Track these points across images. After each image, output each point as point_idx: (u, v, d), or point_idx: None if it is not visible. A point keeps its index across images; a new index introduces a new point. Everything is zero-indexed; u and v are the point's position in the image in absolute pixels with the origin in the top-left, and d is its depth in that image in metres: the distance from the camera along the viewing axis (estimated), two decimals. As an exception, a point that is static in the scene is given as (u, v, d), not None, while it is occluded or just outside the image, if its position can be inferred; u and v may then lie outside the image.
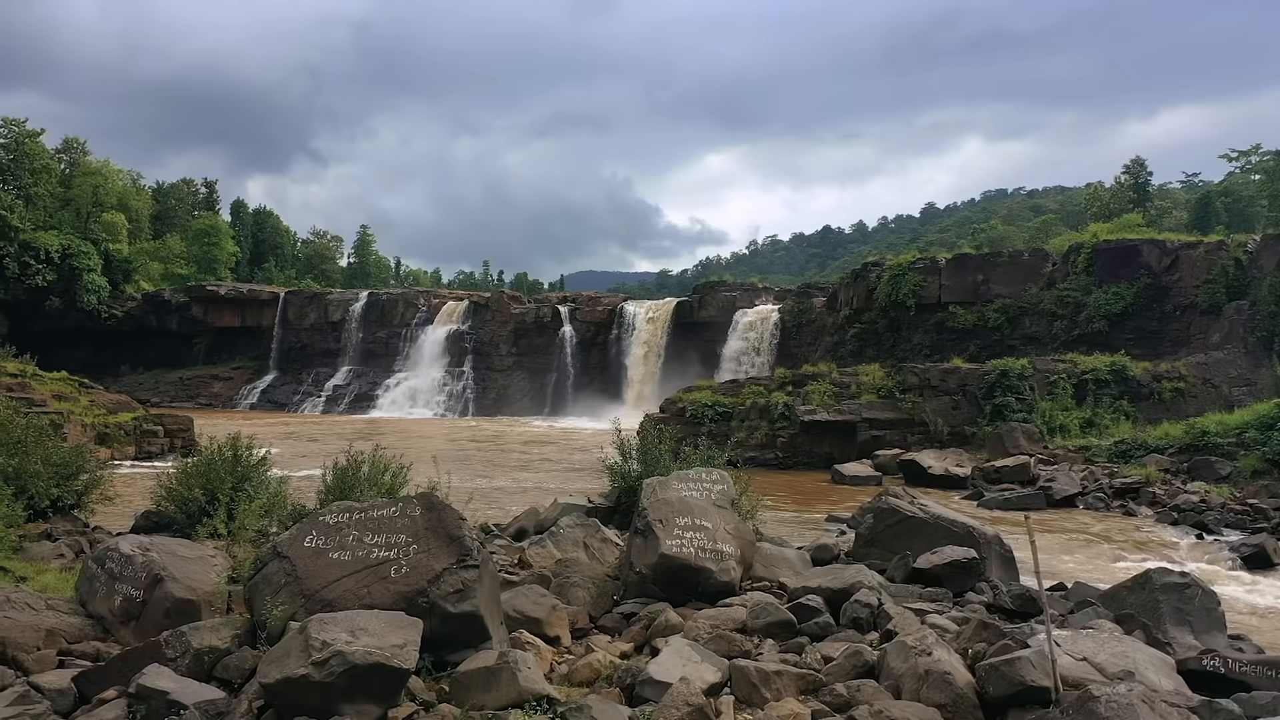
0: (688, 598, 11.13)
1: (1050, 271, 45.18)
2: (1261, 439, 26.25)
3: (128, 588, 9.05)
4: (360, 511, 8.27)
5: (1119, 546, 20.99)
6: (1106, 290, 41.71)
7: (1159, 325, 40.72)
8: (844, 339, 51.52)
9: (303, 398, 67.34)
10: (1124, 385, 34.39)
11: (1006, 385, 33.87)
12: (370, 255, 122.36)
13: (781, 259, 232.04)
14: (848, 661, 8.27)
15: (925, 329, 47.40)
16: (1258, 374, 35.62)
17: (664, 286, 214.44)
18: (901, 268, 48.55)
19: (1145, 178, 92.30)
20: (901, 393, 34.44)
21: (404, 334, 68.35)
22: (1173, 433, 29.22)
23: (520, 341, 65.23)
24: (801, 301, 57.49)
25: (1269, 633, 13.67)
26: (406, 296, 71.57)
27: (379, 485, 15.13)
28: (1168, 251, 41.45)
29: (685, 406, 36.24)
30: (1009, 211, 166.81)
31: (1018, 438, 31.13)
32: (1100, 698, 5.56)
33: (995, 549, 13.89)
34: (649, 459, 16.07)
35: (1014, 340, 44.06)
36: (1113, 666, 7.88)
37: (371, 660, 6.51)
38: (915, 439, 33.76)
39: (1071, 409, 33.71)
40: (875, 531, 14.70)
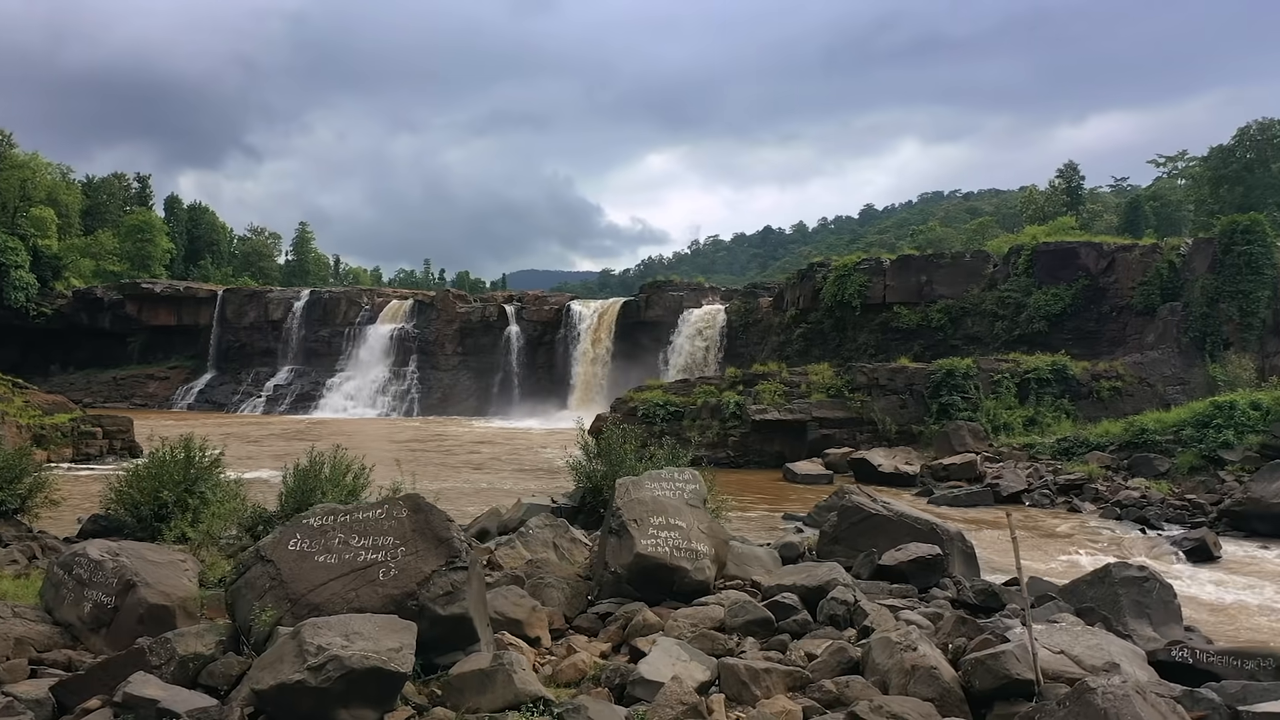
0: (662, 597, 11.16)
1: (991, 273, 46.12)
2: (1198, 436, 27.10)
3: (98, 594, 8.82)
4: (345, 514, 8.16)
5: (1066, 542, 21.52)
6: (1046, 291, 42.71)
7: (1096, 326, 41.82)
8: (790, 338, 52.01)
9: (242, 398, 66.05)
10: (1064, 384, 35.26)
11: (952, 384, 34.51)
12: (309, 253, 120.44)
13: (723, 259, 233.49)
14: (832, 658, 8.37)
15: (870, 329, 48.06)
16: (1191, 373, 36.78)
17: (606, 286, 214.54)
18: (847, 268, 49.16)
19: (1078, 182, 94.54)
20: (850, 392, 34.90)
21: (347, 333, 67.40)
22: (1113, 430, 30.03)
23: (466, 341, 64.73)
24: (748, 301, 57.93)
25: (1215, 624, 14.14)
26: (349, 295, 70.59)
27: (341, 487, 14.95)
28: (1104, 254, 42.57)
29: (637, 406, 36.26)
30: (946, 213, 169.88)
31: (964, 436, 31.75)
32: (1096, 690, 5.71)
33: (958, 545, 14.17)
34: (613, 459, 16.10)
35: (956, 340, 44.88)
36: (1089, 659, 8.09)
37: (369, 664, 6.43)
38: (864, 437, 34.23)
39: (1015, 408, 34.48)
40: (840, 529, 14.89)
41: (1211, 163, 72.94)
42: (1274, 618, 14.77)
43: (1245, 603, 15.78)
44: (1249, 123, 68.41)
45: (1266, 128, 67.15)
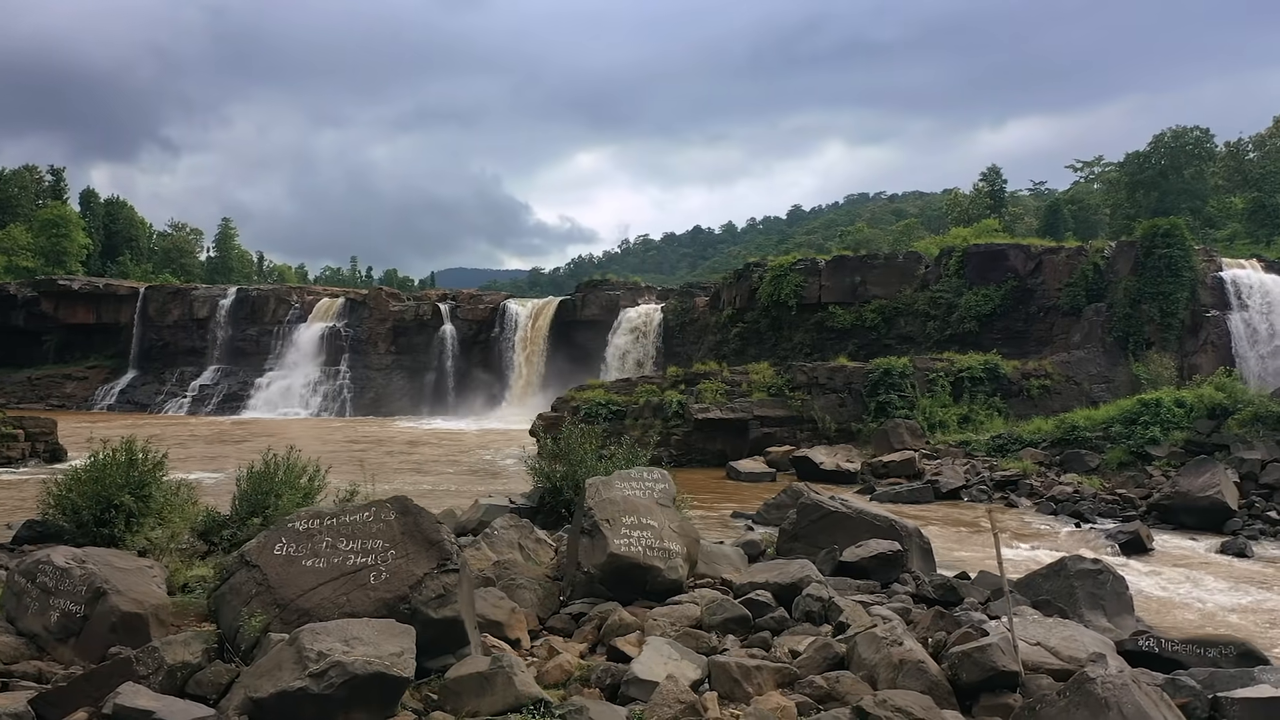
0: (635, 596, 11.19)
1: (924, 274, 47.06)
2: (1126, 433, 28.06)
3: (66, 603, 8.52)
4: (331, 517, 8.02)
5: (1006, 536, 22.09)
6: (976, 292, 43.74)
7: (1024, 326, 42.98)
8: (727, 338, 52.39)
9: (166, 398, 64.20)
10: (996, 383, 36.18)
11: (889, 383, 35.15)
12: (233, 250, 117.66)
13: (654, 258, 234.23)
14: (818, 654, 8.50)
15: (806, 328, 48.66)
16: (1115, 372, 38.04)
17: (536, 284, 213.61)
18: (783, 268, 49.71)
19: (1001, 185, 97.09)
20: (791, 391, 35.32)
21: (276, 331, 65.94)
22: (1044, 428, 30.91)
23: (399, 340, 63.86)
24: (684, 301, 58.23)
25: (1154, 614, 14.65)
26: (278, 293, 69.08)
27: (297, 490, 14.67)
28: (1032, 256, 43.77)
29: (579, 405, 36.22)
30: (872, 214, 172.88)
31: (902, 434, 32.36)
32: (1096, 680, 5.91)
33: (916, 541, 14.46)
34: (573, 459, 16.07)
35: (890, 340, 45.71)
36: (1066, 650, 8.35)
37: (371, 670, 6.35)
38: (804, 435, 34.69)
39: (949, 406, 35.26)
40: (799, 526, 15.08)
41: (1128, 168, 75.53)
42: (1210, 606, 15.38)
43: (1182, 593, 16.39)
44: (1164, 130, 71.03)
45: (1180, 135, 69.74)
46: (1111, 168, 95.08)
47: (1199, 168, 69.87)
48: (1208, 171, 71.11)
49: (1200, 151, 70.62)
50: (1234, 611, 15.01)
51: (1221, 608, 15.21)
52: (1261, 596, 16.14)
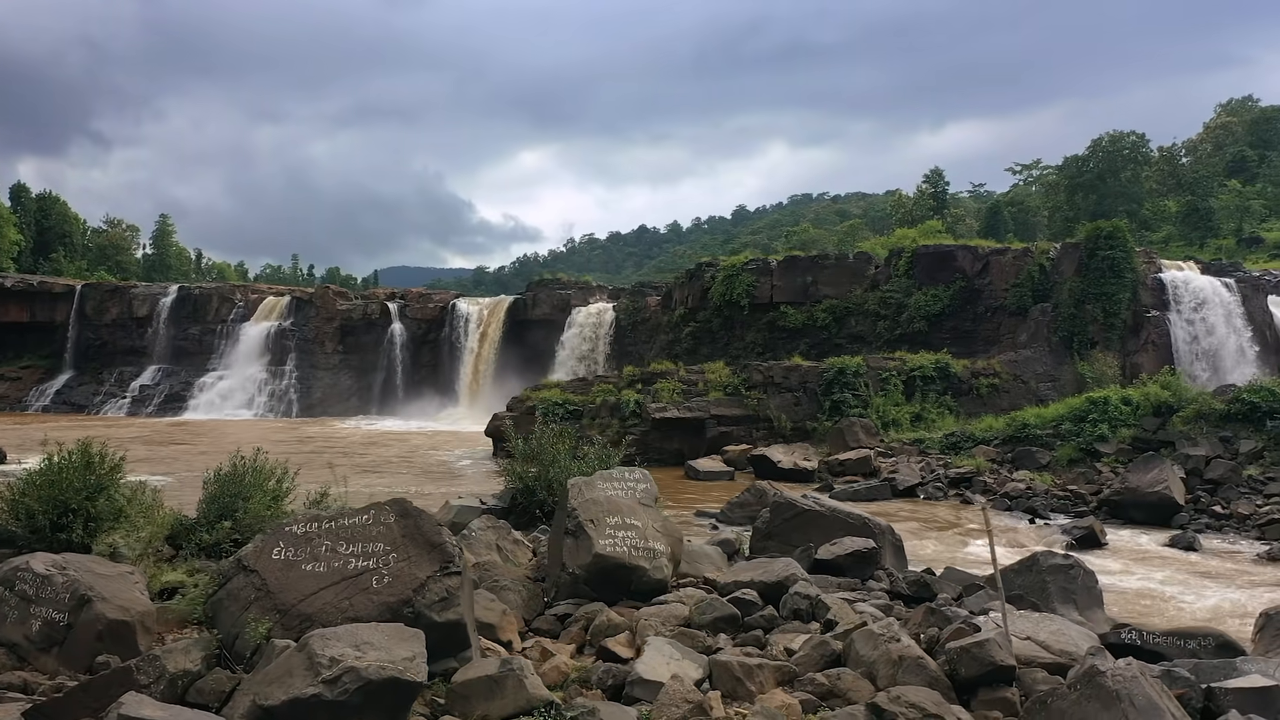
0: (620, 597, 11.17)
1: (874, 274, 47.68)
2: (1075, 430, 28.74)
3: (48, 611, 8.26)
4: (329, 520, 7.89)
5: (964, 533, 22.51)
6: (926, 292, 44.43)
7: (973, 325, 43.76)
8: (679, 337, 52.53)
9: (105, 399, 62.55)
10: (947, 382, 36.81)
11: (843, 382, 35.57)
12: (170, 247, 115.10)
13: (599, 257, 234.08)
14: (815, 652, 8.57)
15: (758, 328, 49.01)
16: (1061, 371, 38.92)
17: (481, 283, 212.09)
18: (735, 268, 50.02)
19: (943, 187, 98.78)
20: (747, 390, 35.56)
21: (219, 330, 64.60)
22: (996, 425, 31.53)
23: (347, 339, 62.98)
24: (636, 300, 58.28)
25: (1116, 607, 15.04)
26: (221, 291, 67.67)
27: (266, 492, 14.41)
28: (979, 257, 44.59)
29: (535, 405, 36.08)
30: (816, 215, 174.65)
31: (857, 432, 32.76)
32: (1107, 673, 6.05)
33: (888, 539, 14.65)
34: (545, 459, 16.00)
35: (841, 339, 46.21)
36: (1055, 643, 8.54)
37: (386, 675, 6.26)
38: (760, 434, 34.95)
39: (902, 404, 35.80)
40: (772, 525, 15.20)
41: (1067, 171, 77.32)
42: (1169, 599, 15.83)
43: (1141, 587, 16.84)
44: (1102, 135, 72.83)
45: (1117, 139, 71.56)
46: (1050, 171, 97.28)
47: (1135, 171, 71.79)
48: (1143, 175, 73.05)
49: (1136, 156, 72.57)
50: (1192, 603, 15.46)
51: (1180, 600, 15.66)
52: (1217, 589, 16.65)
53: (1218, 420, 27.02)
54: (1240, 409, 26.65)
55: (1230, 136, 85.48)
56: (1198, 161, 75.01)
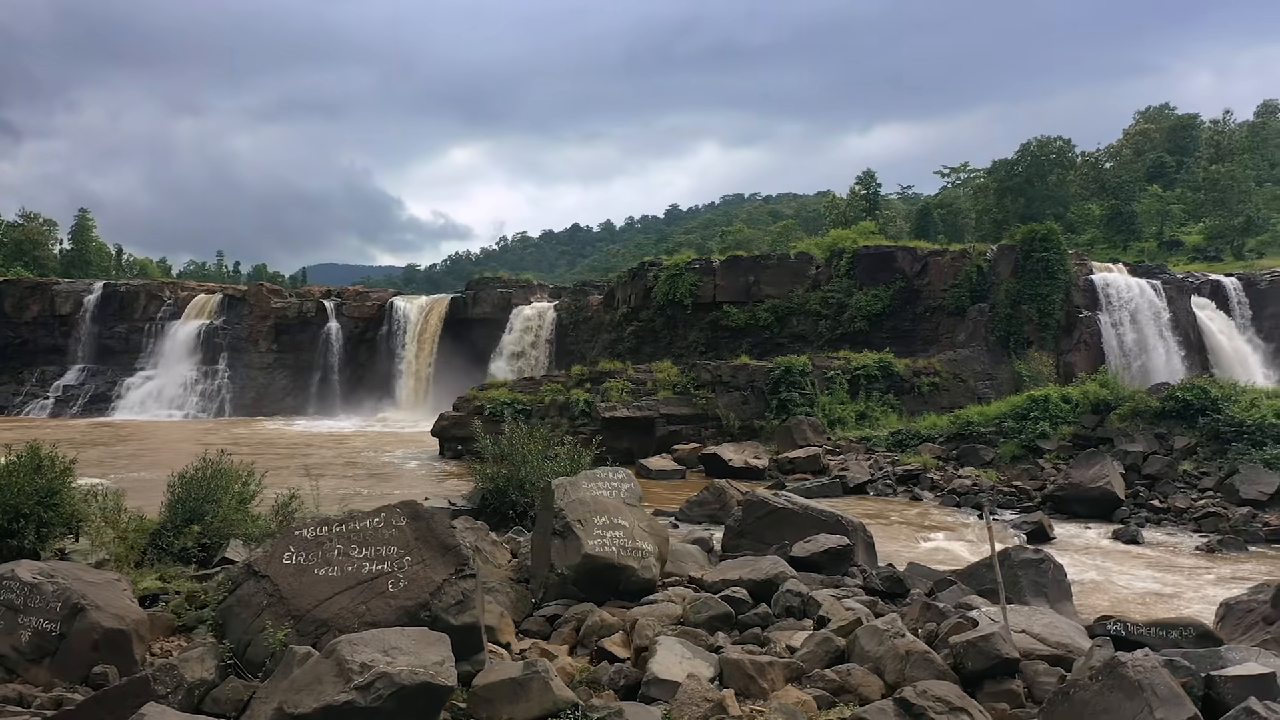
0: (608, 597, 11.17)
1: (815, 274, 48.29)
2: (1017, 427, 29.51)
3: (39, 620, 7.99)
4: (340, 524, 7.76)
5: (918, 529, 22.96)
6: (866, 292, 45.15)
7: (912, 325, 44.61)
8: (622, 336, 52.57)
9: (25, 400, 60.28)
10: (890, 380, 37.48)
11: (790, 381, 35.97)
12: (90, 242, 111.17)
13: (532, 256, 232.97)
14: (819, 648, 8.68)
15: (701, 327, 49.30)
16: (998, 369, 39.89)
17: (412, 281, 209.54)
18: (678, 267, 50.25)
19: (875, 189, 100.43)
20: (695, 389, 35.77)
21: (148, 329, 62.70)
22: (940, 423, 32.21)
23: (281, 338, 61.64)
24: (578, 299, 58.15)
25: (1077, 599, 15.49)
26: (149, 288, 65.70)
27: (232, 495, 14.09)
28: (918, 258, 45.46)
29: (482, 405, 35.82)
30: (749, 215, 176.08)
31: (805, 430, 33.17)
32: (1128, 664, 6.26)
33: (861, 536, 14.86)
34: (516, 459, 15.92)
35: (783, 338, 46.74)
36: (1050, 636, 8.79)
37: (418, 680, 6.19)
38: (709, 433, 35.18)
39: (847, 402, 36.34)
40: (745, 523, 15.31)
41: (996, 175, 79.21)
42: (1125, 590, 16.36)
43: (1096, 579, 17.37)
44: (1030, 139, 74.73)
45: (1045, 144, 73.53)
46: (978, 174, 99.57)
47: (1061, 175, 73.87)
48: (1068, 179, 75.20)
49: (1062, 160, 74.67)
50: (1147, 594, 16.02)
51: (1136, 591, 16.21)
52: (1167, 579, 17.27)
53: (1152, 417, 27.97)
54: (1174, 406, 27.62)
55: (1149, 143, 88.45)
56: (1120, 166, 77.45)
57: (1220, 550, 20.34)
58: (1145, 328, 41.80)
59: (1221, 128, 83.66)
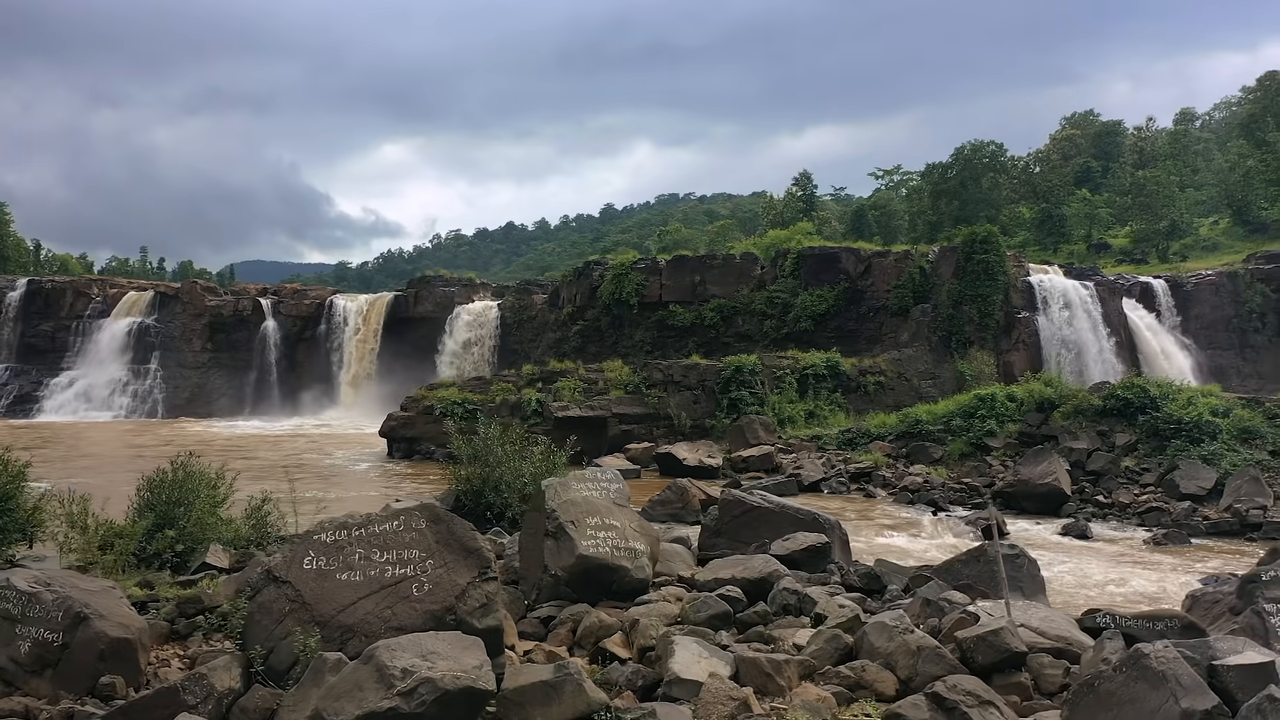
0: (601, 597, 11.17)
1: (760, 274, 48.77)
2: (965, 426, 30.16)
3: (39, 631, 7.72)
4: (358, 527, 7.64)
5: (877, 527, 23.31)
6: (811, 293, 45.75)
7: (856, 325, 45.30)
8: (567, 335, 52.51)
9: (-56, 400, 58.04)
10: (838, 379, 38.03)
11: (740, 380, 36.27)
12: (8, 237, 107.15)
13: (466, 254, 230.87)
14: (828, 645, 8.79)
15: (647, 326, 49.49)
16: (941, 369, 40.75)
17: (344, 279, 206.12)
18: (624, 267, 50.39)
19: (812, 190, 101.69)
20: (648, 388, 35.86)
21: (75, 327, 60.74)
22: (889, 422, 32.75)
23: (216, 336, 60.23)
24: (522, 298, 57.90)
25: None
26: (77, 285, 63.62)
27: (206, 498, 13.77)
28: (862, 259, 46.21)
29: (432, 405, 35.47)
30: (684, 215, 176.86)
31: (757, 429, 33.48)
32: (1151, 655, 6.47)
33: (837, 533, 15.06)
34: (491, 460, 15.81)
35: (728, 338, 47.13)
36: (1050, 629, 9.03)
37: (461, 685, 6.14)
38: (660, 432, 35.30)
39: (796, 401, 36.79)
40: (722, 522, 15.40)
41: (930, 178, 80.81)
42: (1088, 583, 16.84)
43: (1052, 574, 17.79)
44: (964, 143, 76.40)
45: (978, 148, 75.24)
46: (911, 176, 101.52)
47: (994, 179, 75.64)
48: (1001, 182, 77.07)
49: (995, 164, 76.47)
50: (1107, 587, 16.52)
51: (1096, 585, 16.70)
52: (1122, 572, 17.82)
53: (1094, 415, 28.82)
54: (1115, 404, 28.49)
55: (1075, 148, 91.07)
56: (1049, 171, 79.61)
57: (1166, 544, 21.03)
58: (1080, 328, 43.07)
59: (1144, 134, 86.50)
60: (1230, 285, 48.95)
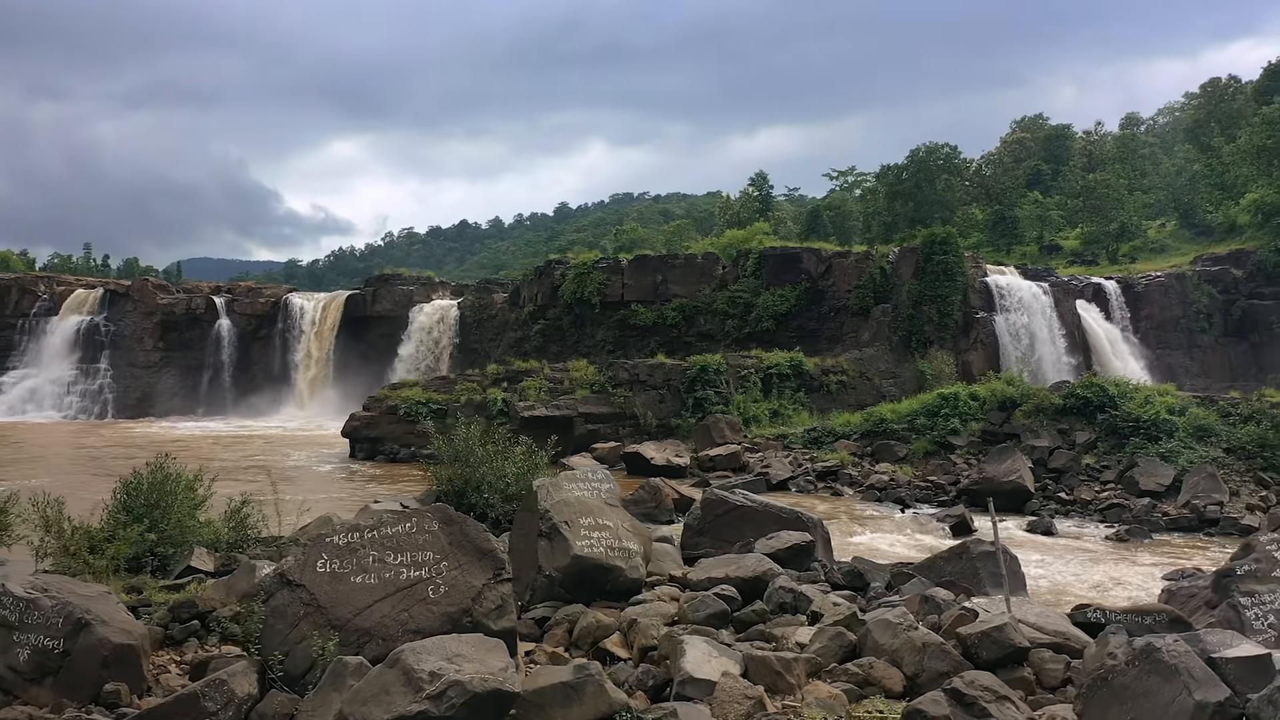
0: (594, 597, 11.18)
1: (722, 274, 48.96)
2: (929, 424, 30.55)
3: (38, 638, 7.55)
4: (370, 530, 7.56)
5: (848, 524, 23.51)
6: (773, 292, 46.01)
7: (818, 325, 45.65)
8: (528, 335, 52.30)
9: (-118, 401, 56.21)
10: (801, 379, 38.31)
11: (705, 380, 36.38)
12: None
13: (419, 252, 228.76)
14: (833, 643, 8.88)
15: (608, 326, 49.45)
16: (902, 368, 41.22)
17: (294, 277, 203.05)
18: (586, 266, 50.30)
19: (768, 190, 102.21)
20: (613, 388, 35.84)
21: (21, 325, 59.15)
22: (853, 421, 33.07)
23: (168, 335, 59.00)
24: (482, 297, 57.51)
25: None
26: (22, 282, 61.94)
27: (185, 501, 13.53)
28: (823, 259, 46.58)
29: (397, 404, 35.13)
30: (639, 214, 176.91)
31: (723, 429, 33.62)
32: (1163, 649, 6.64)
33: (820, 531, 15.18)
34: (472, 460, 15.69)
35: (690, 337, 47.26)
36: (1047, 625, 9.22)
37: (489, 687, 6.11)
38: (626, 431, 35.31)
39: (761, 401, 36.99)
40: (704, 521, 15.44)
41: (885, 179, 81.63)
42: (1059, 578, 17.16)
43: (1029, 570, 18.14)
44: (919, 145, 77.27)
45: (933, 150, 76.19)
46: (865, 177, 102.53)
47: (948, 180, 76.64)
48: (955, 184, 78.12)
49: (949, 166, 77.49)
50: (1080, 581, 16.86)
51: (1070, 579, 17.04)
52: (1091, 567, 18.20)
53: (1055, 414, 29.36)
54: (1074, 403, 29.05)
55: (1025, 151, 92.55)
56: (1002, 173, 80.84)
57: (1128, 539, 21.51)
58: (1036, 328, 43.83)
59: (1093, 138, 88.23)
60: (1179, 286, 50.13)
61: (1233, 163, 63.31)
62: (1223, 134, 72.53)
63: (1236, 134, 68.06)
